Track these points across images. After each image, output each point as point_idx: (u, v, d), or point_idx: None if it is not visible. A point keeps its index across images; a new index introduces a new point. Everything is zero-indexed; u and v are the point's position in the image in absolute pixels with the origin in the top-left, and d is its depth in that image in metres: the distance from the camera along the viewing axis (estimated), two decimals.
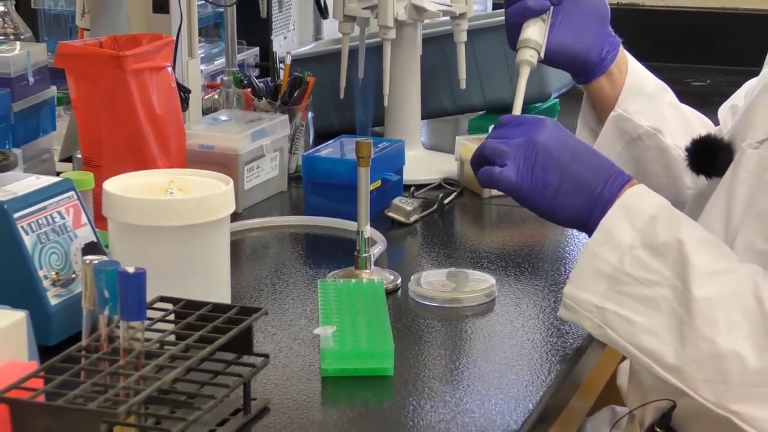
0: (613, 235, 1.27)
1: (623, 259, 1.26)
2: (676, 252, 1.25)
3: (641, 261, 1.26)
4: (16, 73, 1.67)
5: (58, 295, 1.33)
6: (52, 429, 1.03)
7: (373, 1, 1.90)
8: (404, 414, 1.24)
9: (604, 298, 1.27)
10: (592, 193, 1.31)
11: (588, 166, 1.32)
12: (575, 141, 1.35)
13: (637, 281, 1.26)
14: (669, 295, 1.24)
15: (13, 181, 1.37)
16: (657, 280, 1.25)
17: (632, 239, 1.27)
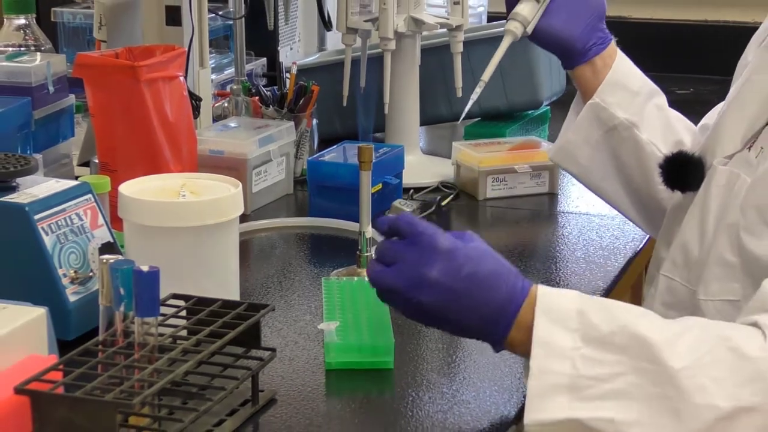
0: (551, 344, 1.13)
1: (575, 364, 1.13)
2: (627, 337, 1.13)
3: (593, 359, 1.13)
4: (36, 83, 1.67)
5: (76, 293, 1.33)
6: (70, 419, 1.03)
7: (374, 14, 1.90)
8: (404, 405, 1.24)
9: (571, 409, 1.13)
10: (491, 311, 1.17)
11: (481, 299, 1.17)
12: (479, 252, 1.20)
13: (598, 380, 1.12)
14: (637, 381, 1.12)
15: (34, 185, 1.37)
16: (619, 371, 1.12)
17: (572, 341, 1.13)
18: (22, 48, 1.85)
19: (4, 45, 1.86)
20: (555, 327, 1.14)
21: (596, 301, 1.17)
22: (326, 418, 1.22)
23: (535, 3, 1.51)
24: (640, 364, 1.12)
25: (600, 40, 1.54)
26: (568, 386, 1.13)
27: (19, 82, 1.66)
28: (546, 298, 1.16)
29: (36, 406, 1.04)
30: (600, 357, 1.13)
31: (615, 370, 1.12)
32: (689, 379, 1.11)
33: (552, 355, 1.13)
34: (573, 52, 1.54)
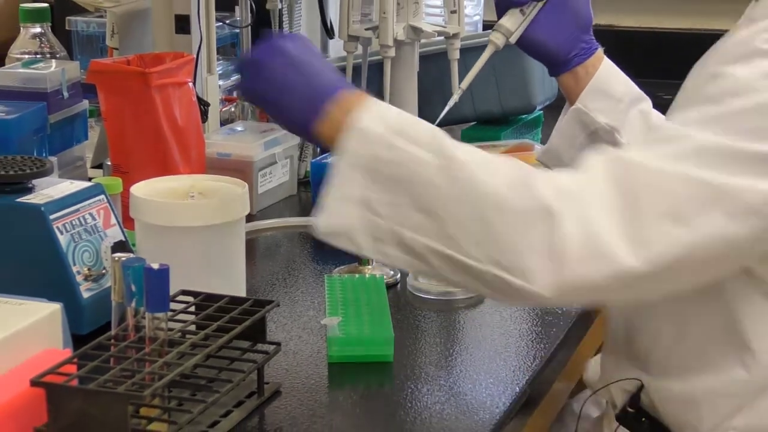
0: (362, 129, 1.16)
1: (374, 148, 1.15)
2: (431, 135, 1.17)
3: (391, 144, 1.15)
4: (52, 88, 1.66)
5: (89, 289, 1.33)
6: (84, 410, 1.03)
7: (374, 22, 1.90)
8: (403, 396, 1.24)
9: (365, 187, 1.14)
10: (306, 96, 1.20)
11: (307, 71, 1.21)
12: (308, 49, 1.24)
13: (391, 162, 1.14)
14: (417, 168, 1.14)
15: (49, 186, 1.36)
16: (408, 158, 1.14)
17: (383, 130, 1.15)
18: (38, 55, 1.85)
19: (20, 52, 1.86)
20: (372, 117, 1.17)
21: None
22: (329, 408, 1.22)
23: (519, 15, 1.52)
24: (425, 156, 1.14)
25: (583, 50, 1.54)
26: (364, 166, 1.15)
27: (35, 87, 1.66)
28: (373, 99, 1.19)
29: (51, 397, 1.04)
30: (398, 144, 1.15)
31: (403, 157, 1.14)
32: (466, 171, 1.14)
33: (357, 138, 1.15)
34: (556, 62, 1.55)
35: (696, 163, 1.12)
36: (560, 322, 1.42)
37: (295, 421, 1.18)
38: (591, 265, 1.09)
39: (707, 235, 1.11)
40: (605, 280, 1.10)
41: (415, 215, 1.13)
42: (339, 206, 1.16)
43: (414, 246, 1.14)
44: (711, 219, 1.11)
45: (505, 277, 1.11)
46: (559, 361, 1.38)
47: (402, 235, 1.14)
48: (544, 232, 1.10)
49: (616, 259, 1.09)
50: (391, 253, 1.15)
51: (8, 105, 1.60)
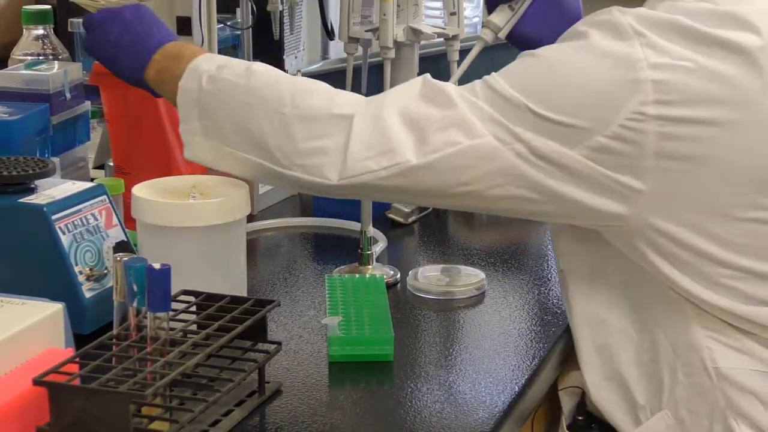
0: (197, 69, 1.31)
1: (201, 82, 1.30)
2: (244, 68, 1.31)
3: (214, 78, 1.30)
4: (54, 90, 1.67)
5: (91, 289, 1.33)
6: (86, 409, 1.03)
7: (374, 24, 1.90)
8: (403, 395, 1.24)
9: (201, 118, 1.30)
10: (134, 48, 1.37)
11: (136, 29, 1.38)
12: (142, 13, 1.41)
13: (209, 93, 1.30)
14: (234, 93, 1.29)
15: (51, 187, 1.37)
16: (223, 86, 1.29)
17: (211, 65, 1.31)
18: (41, 57, 1.85)
19: (23, 54, 1.86)
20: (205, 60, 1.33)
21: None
22: (329, 407, 1.22)
23: (508, 11, 1.52)
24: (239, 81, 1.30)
25: None
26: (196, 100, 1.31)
27: (38, 89, 1.66)
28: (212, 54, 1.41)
29: (53, 397, 1.04)
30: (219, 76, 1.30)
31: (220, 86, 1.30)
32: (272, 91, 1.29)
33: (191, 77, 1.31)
34: None
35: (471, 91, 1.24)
36: (559, 322, 1.42)
37: (296, 420, 1.18)
38: (375, 158, 1.23)
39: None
40: (386, 171, 1.22)
41: (235, 135, 1.28)
42: (190, 139, 1.31)
43: (244, 162, 1.28)
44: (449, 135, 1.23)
45: (304, 177, 1.25)
46: (558, 361, 1.38)
47: (235, 155, 1.29)
48: (339, 136, 1.24)
49: (399, 152, 1.22)
50: (234, 168, 1.31)
51: (11, 106, 1.60)
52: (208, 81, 1.30)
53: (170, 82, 1.33)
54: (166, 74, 1.34)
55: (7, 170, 1.34)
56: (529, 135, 1.20)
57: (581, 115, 1.19)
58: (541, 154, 1.20)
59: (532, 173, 1.20)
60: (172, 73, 1.34)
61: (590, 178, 1.20)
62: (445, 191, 1.23)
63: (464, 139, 1.21)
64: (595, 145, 1.19)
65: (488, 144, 1.20)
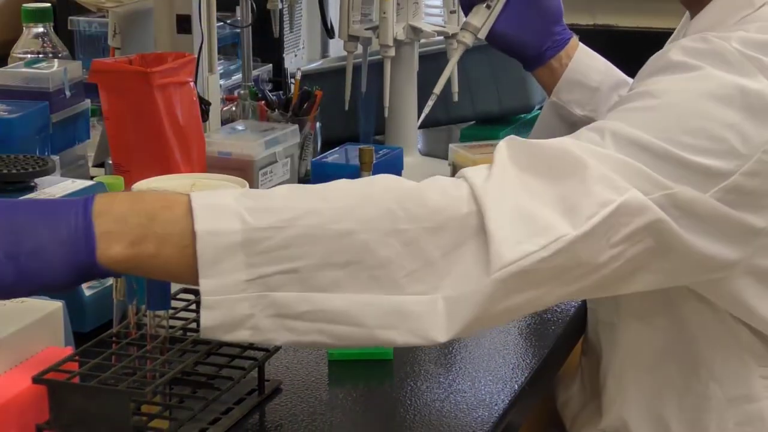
0: (212, 206, 0.98)
1: (244, 218, 0.97)
2: (290, 190, 1.02)
3: (257, 209, 0.98)
4: (54, 88, 1.66)
5: (91, 287, 1.33)
6: (85, 407, 1.03)
7: (374, 22, 1.90)
8: (403, 394, 1.24)
9: (250, 266, 0.97)
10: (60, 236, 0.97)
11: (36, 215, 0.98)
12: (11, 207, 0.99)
13: (274, 229, 0.98)
14: (317, 221, 0.99)
15: (51, 185, 1.36)
16: (290, 217, 0.98)
17: (234, 198, 0.99)
18: (41, 55, 1.85)
19: (23, 52, 1.86)
20: (209, 197, 0.99)
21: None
22: (329, 406, 1.22)
23: (485, 10, 1.51)
24: (313, 205, 0.99)
25: (555, 43, 1.52)
26: (241, 243, 0.97)
27: (38, 87, 1.66)
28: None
29: (53, 395, 1.04)
30: (266, 206, 0.98)
31: (287, 216, 0.98)
32: (367, 209, 1.00)
33: (215, 215, 0.97)
34: (528, 57, 1.54)
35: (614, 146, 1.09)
36: (558, 320, 1.42)
37: (296, 419, 1.18)
38: (529, 240, 1.02)
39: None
40: (546, 250, 1.02)
41: (326, 273, 0.98)
42: (223, 299, 0.98)
43: (331, 307, 0.99)
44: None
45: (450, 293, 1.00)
46: (558, 359, 1.38)
47: (312, 301, 0.99)
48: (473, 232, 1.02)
49: (554, 228, 1.03)
50: (299, 327, 1.00)
51: (11, 104, 1.60)
52: (257, 214, 0.97)
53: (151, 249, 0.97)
54: (141, 243, 0.97)
55: (6, 168, 1.34)
56: (668, 182, 1.08)
57: (721, 154, 1.10)
58: (678, 201, 1.08)
59: (669, 225, 1.08)
60: (152, 239, 0.97)
61: (717, 222, 1.11)
62: (593, 263, 1.05)
63: (614, 195, 1.05)
64: (729, 186, 1.10)
65: (636, 198, 1.06)
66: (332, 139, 2.02)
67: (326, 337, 1.01)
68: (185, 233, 0.97)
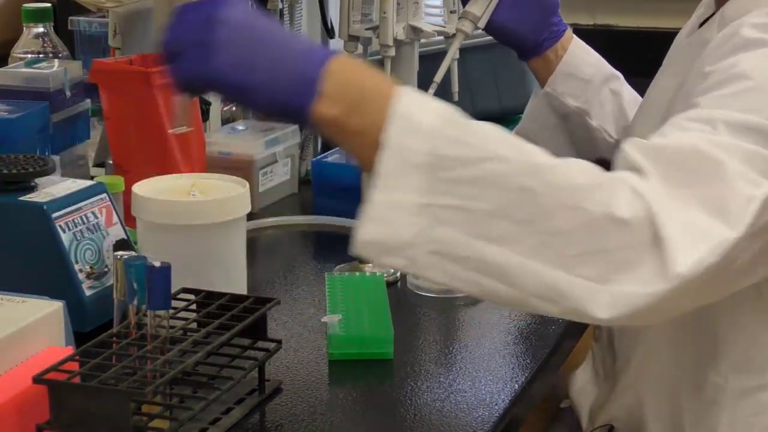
0: (412, 119, 0.97)
1: (435, 143, 0.96)
2: (493, 128, 1.00)
3: (457, 139, 0.97)
4: (54, 88, 1.67)
5: (91, 287, 1.33)
6: (86, 407, 1.03)
7: (374, 22, 1.90)
8: (403, 394, 1.24)
9: (428, 192, 0.96)
10: (288, 73, 1.00)
11: (281, 43, 1.01)
12: (264, 21, 1.04)
13: (458, 163, 0.96)
14: (501, 168, 0.97)
15: (51, 185, 1.36)
16: (480, 155, 0.97)
17: (437, 120, 0.98)
18: (41, 55, 1.85)
19: (23, 52, 1.86)
20: (416, 106, 0.99)
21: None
22: (329, 406, 1.22)
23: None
24: (506, 153, 0.98)
25: (552, 34, 1.53)
26: (426, 165, 0.96)
27: (38, 87, 1.66)
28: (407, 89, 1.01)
29: (53, 395, 1.04)
30: (465, 138, 0.97)
31: (478, 154, 0.97)
32: (558, 175, 0.98)
33: (411, 130, 0.97)
34: (525, 48, 1.55)
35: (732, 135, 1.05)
36: (559, 320, 1.42)
37: (296, 419, 1.18)
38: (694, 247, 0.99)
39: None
40: (715, 256, 1.00)
41: (500, 224, 0.96)
42: (391, 215, 0.97)
43: (493, 260, 0.98)
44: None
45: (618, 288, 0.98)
46: (558, 359, 1.38)
47: (475, 248, 0.97)
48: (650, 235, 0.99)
49: (714, 233, 1.01)
50: (456, 272, 0.99)
51: (11, 104, 1.61)
52: (451, 143, 0.97)
53: (357, 126, 0.99)
54: (352, 116, 0.99)
55: (7, 168, 1.34)
56: None
57: None
58: None
59: None
60: (361, 115, 0.99)
61: None
62: (746, 260, 1.04)
63: (754, 190, 1.02)
64: None
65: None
66: None
67: (478, 290, 0.99)
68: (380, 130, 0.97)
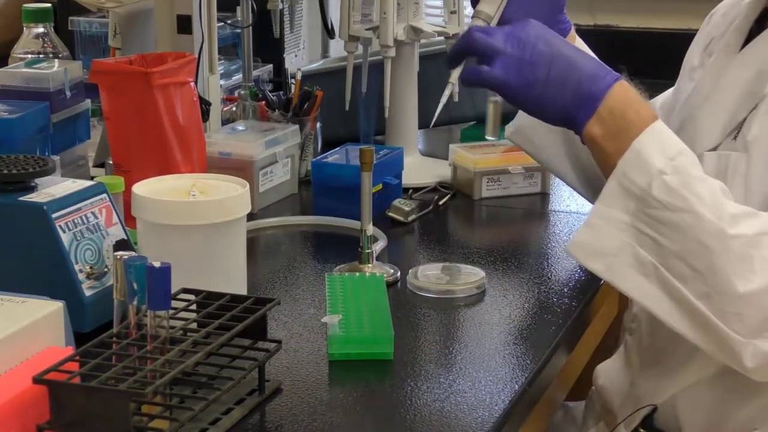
0: (642, 157, 1.19)
1: (652, 183, 1.18)
2: (708, 188, 1.18)
3: (669, 187, 1.17)
4: (54, 88, 1.67)
5: (92, 287, 1.33)
6: (86, 408, 1.03)
7: (375, 23, 1.90)
8: (403, 394, 1.24)
9: (635, 216, 1.18)
10: (578, 89, 1.23)
11: (574, 62, 1.24)
12: (560, 39, 1.28)
13: (663, 206, 1.17)
14: (694, 222, 1.16)
15: (52, 185, 1.36)
16: (682, 206, 1.17)
17: (663, 165, 1.18)
18: (41, 55, 1.85)
19: (23, 52, 1.86)
20: (656, 147, 1.19)
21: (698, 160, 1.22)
22: (329, 406, 1.22)
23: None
24: (703, 211, 1.16)
25: (561, 31, 1.52)
26: (638, 197, 1.18)
27: (38, 87, 1.66)
28: (662, 125, 1.22)
29: (53, 395, 1.04)
30: (676, 188, 1.17)
31: (680, 204, 1.17)
32: (739, 246, 1.15)
33: (637, 165, 1.18)
34: None
35: None
36: (559, 321, 1.42)
37: (296, 419, 1.18)
38: None
39: None
40: None
41: (680, 265, 1.17)
42: (604, 226, 1.19)
43: (673, 287, 1.17)
44: None
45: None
46: (558, 360, 1.38)
47: (664, 276, 1.17)
48: None
49: None
50: (644, 287, 1.19)
51: (11, 104, 1.61)
52: (665, 189, 1.17)
53: (609, 149, 1.22)
54: (609, 140, 1.22)
55: (7, 168, 1.34)
56: None
57: None
58: None
59: None
60: (615, 141, 1.21)
61: None
62: None
63: None
64: None
65: None
66: (332, 139, 2.02)
67: (659, 309, 1.19)
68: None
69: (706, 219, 1.16)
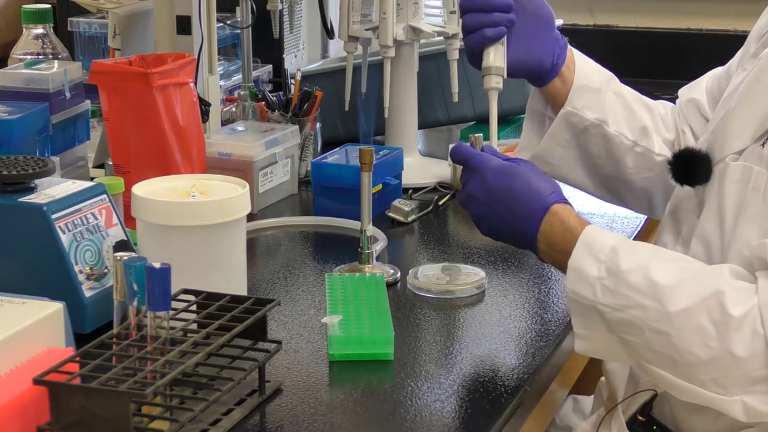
0: (580, 271, 1.27)
1: (595, 292, 1.26)
2: (641, 275, 1.24)
3: (609, 290, 1.25)
4: (54, 89, 1.67)
5: (91, 288, 1.33)
6: (86, 408, 1.03)
7: (374, 23, 1.90)
8: (403, 394, 1.24)
9: (606, 324, 1.27)
10: (518, 234, 1.35)
11: (511, 206, 1.34)
12: (504, 181, 1.35)
13: (612, 308, 1.25)
14: (642, 315, 1.23)
15: (51, 186, 1.36)
16: (626, 304, 1.24)
17: (598, 271, 1.26)
18: (41, 56, 1.85)
19: (23, 53, 1.86)
20: (588, 257, 1.27)
21: (630, 242, 1.31)
22: (330, 406, 1.22)
23: (501, 47, 1.47)
24: (646, 302, 1.23)
25: (561, 49, 1.52)
26: (592, 309, 1.26)
27: (38, 88, 1.66)
28: (593, 229, 1.30)
29: (53, 396, 1.04)
30: (615, 289, 1.25)
31: (624, 303, 1.24)
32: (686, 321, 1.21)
33: (579, 280, 1.27)
34: (543, 72, 1.52)
35: None
36: (559, 321, 1.42)
37: (296, 419, 1.18)
38: None
39: None
40: None
41: (650, 354, 1.24)
42: (590, 335, 1.29)
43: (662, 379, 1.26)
44: None
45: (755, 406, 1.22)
46: (558, 360, 1.38)
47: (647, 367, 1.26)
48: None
49: None
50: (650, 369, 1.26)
51: (11, 105, 1.61)
52: (605, 294, 1.26)
53: (562, 270, 1.31)
54: (558, 263, 1.33)
55: (6, 169, 1.34)
56: None
57: None
58: None
59: None
60: (560, 263, 1.32)
61: None
62: None
63: None
64: None
65: None
66: (332, 139, 2.03)
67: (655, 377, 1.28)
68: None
69: (650, 308, 1.23)
